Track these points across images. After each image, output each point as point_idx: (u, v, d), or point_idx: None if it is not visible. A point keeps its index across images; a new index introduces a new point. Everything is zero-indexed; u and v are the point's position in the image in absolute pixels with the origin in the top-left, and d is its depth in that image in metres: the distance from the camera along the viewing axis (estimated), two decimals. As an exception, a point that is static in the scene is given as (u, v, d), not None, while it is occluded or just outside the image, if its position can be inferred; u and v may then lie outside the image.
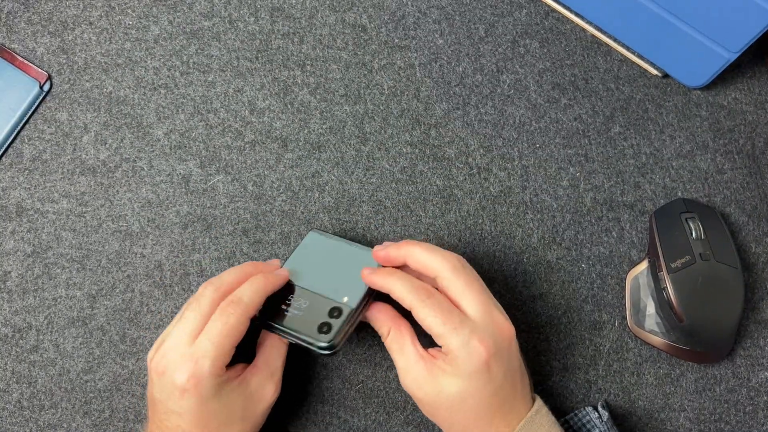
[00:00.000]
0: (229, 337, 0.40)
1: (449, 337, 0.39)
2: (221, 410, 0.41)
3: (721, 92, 0.54)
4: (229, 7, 0.54)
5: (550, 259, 0.51)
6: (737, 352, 0.50)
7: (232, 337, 0.40)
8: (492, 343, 0.39)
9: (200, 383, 0.39)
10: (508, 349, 0.41)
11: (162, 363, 0.40)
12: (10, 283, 0.50)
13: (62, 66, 0.53)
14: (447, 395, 0.40)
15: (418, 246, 0.42)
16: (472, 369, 0.39)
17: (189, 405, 0.40)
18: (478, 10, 0.55)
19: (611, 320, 0.51)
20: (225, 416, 0.41)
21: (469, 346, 0.39)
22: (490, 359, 0.39)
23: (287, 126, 0.53)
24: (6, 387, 0.49)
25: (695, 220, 0.49)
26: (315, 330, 0.42)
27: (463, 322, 0.39)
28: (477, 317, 0.40)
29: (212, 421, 0.41)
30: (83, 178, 0.51)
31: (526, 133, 0.53)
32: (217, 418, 0.41)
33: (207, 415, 0.40)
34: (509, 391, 0.41)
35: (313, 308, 0.43)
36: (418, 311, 0.40)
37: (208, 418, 0.40)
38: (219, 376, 0.40)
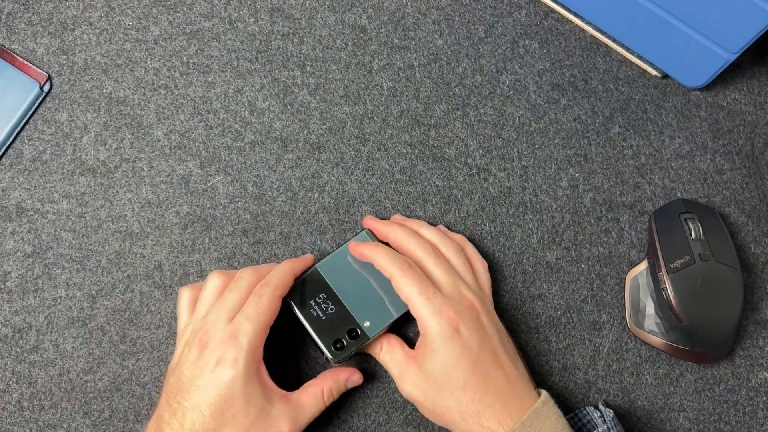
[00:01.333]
0: (263, 314, 0.43)
1: (422, 306, 0.43)
2: (241, 403, 0.41)
3: (720, 93, 0.54)
4: (229, 7, 0.54)
5: (549, 259, 0.51)
6: (736, 353, 0.50)
7: (266, 315, 0.43)
8: (460, 309, 0.43)
9: (237, 358, 0.41)
10: (478, 320, 0.44)
11: (205, 338, 0.42)
12: (10, 283, 0.50)
13: (62, 66, 0.53)
14: (434, 379, 0.42)
15: (401, 228, 0.47)
16: (444, 335, 0.42)
17: (218, 380, 0.41)
18: (477, 10, 0.55)
19: (611, 320, 0.51)
20: (241, 412, 0.41)
21: (440, 312, 0.42)
22: (459, 324, 0.43)
23: (287, 126, 0.53)
24: (6, 387, 0.49)
25: (694, 220, 0.49)
26: (329, 341, 0.46)
27: (435, 293, 0.43)
28: (446, 290, 0.44)
29: (229, 409, 0.41)
30: (83, 179, 0.51)
31: (526, 134, 0.53)
32: (233, 408, 0.41)
33: (227, 401, 0.41)
34: (495, 371, 0.43)
35: (335, 318, 0.47)
36: (398, 280, 0.44)
37: (227, 405, 0.41)
38: (254, 355, 0.42)
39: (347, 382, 0.46)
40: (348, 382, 0.46)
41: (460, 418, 0.42)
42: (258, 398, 0.42)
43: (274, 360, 0.47)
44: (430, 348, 0.43)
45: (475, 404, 0.42)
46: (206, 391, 0.41)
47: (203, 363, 0.42)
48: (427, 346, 0.43)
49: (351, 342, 0.46)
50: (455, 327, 0.42)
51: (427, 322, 0.43)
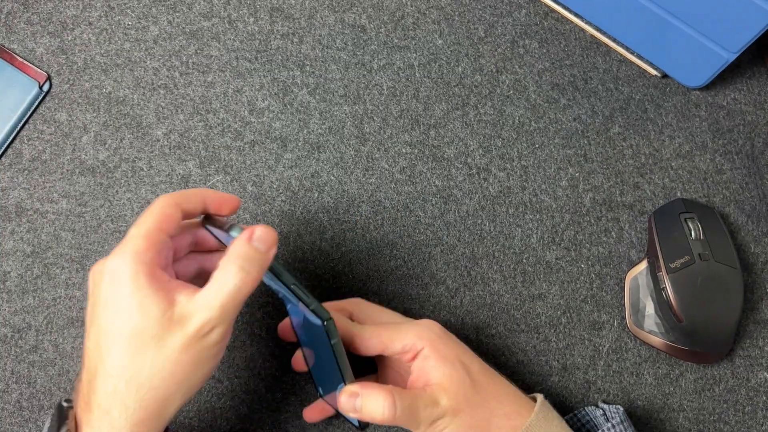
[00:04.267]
0: (152, 215, 0.36)
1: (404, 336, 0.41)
2: (143, 319, 0.33)
3: (720, 92, 0.54)
4: (229, 7, 0.54)
5: (549, 259, 0.51)
6: (736, 352, 0.50)
7: (155, 216, 0.36)
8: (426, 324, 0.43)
9: (123, 265, 0.34)
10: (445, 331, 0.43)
11: (94, 267, 0.36)
12: (9, 283, 0.50)
13: (62, 66, 0.53)
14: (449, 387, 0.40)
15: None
16: (433, 336, 0.41)
17: (113, 293, 0.34)
18: (477, 10, 0.55)
19: (610, 320, 0.51)
20: (146, 331, 0.33)
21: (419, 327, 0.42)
22: (439, 330, 0.43)
23: (286, 126, 0.53)
24: (5, 387, 0.49)
25: (694, 220, 0.49)
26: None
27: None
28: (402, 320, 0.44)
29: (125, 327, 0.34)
30: (83, 179, 0.51)
31: (526, 134, 0.53)
32: (133, 324, 0.33)
33: (123, 316, 0.34)
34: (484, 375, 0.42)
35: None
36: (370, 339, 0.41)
37: (124, 322, 0.34)
38: (141, 257, 0.34)
39: (254, 243, 0.36)
40: (255, 243, 0.36)
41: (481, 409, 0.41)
42: (157, 306, 0.34)
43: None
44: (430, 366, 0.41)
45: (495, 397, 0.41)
46: (103, 316, 0.34)
47: (96, 286, 0.35)
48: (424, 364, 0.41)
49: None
50: (438, 331, 0.42)
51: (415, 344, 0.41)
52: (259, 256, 0.36)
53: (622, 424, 0.45)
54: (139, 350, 0.34)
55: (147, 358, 0.33)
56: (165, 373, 0.34)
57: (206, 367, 0.35)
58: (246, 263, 0.35)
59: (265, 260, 0.36)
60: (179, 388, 0.34)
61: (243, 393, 0.49)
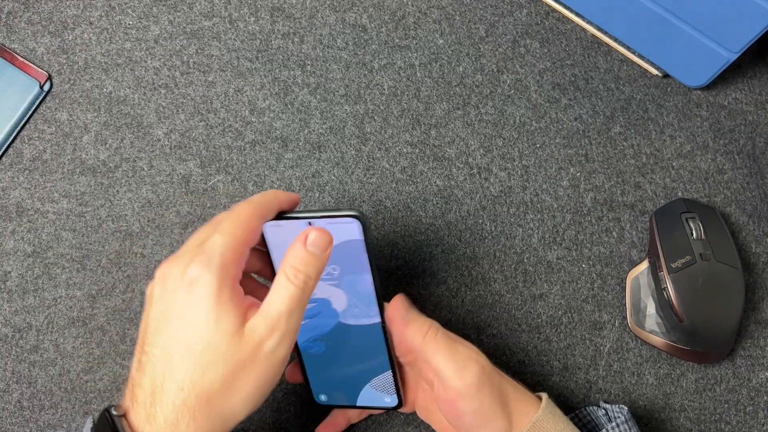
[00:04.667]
0: (240, 228, 0.35)
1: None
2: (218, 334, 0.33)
3: (721, 92, 0.54)
4: (229, 6, 0.54)
5: (550, 259, 0.51)
6: (738, 352, 0.50)
7: (242, 229, 0.35)
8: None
9: (208, 274, 0.33)
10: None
11: (166, 268, 0.35)
12: (10, 283, 0.50)
13: (62, 66, 0.53)
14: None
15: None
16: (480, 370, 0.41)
17: (191, 303, 0.33)
18: (478, 10, 0.55)
19: (611, 320, 0.51)
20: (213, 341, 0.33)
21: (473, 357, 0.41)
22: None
23: (287, 126, 0.53)
24: (6, 387, 0.49)
25: (695, 220, 0.49)
26: None
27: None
28: None
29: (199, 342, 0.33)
30: (83, 178, 0.51)
31: (527, 133, 0.53)
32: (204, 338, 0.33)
33: (197, 329, 0.33)
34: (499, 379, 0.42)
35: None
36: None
37: (198, 337, 0.33)
38: (228, 271, 0.34)
39: (308, 247, 0.36)
40: (310, 247, 0.36)
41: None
42: (233, 322, 0.34)
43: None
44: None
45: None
46: (175, 324, 0.34)
47: (171, 290, 0.34)
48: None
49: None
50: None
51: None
52: (317, 261, 0.36)
53: (627, 423, 0.44)
54: (212, 365, 0.33)
55: (218, 373, 0.33)
56: (235, 390, 0.34)
57: (270, 386, 0.35)
58: (304, 266, 0.35)
59: (322, 266, 0.36)
60: (246, 404, 0.34)
61: (244, 393, 0.49)
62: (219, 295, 0.34)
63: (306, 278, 0.35)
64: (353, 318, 0.42)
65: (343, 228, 0.39)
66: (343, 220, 0.38)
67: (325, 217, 0.39)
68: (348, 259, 0.40)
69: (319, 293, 0.42)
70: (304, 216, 0.39)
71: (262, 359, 0.34)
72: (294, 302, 0.35)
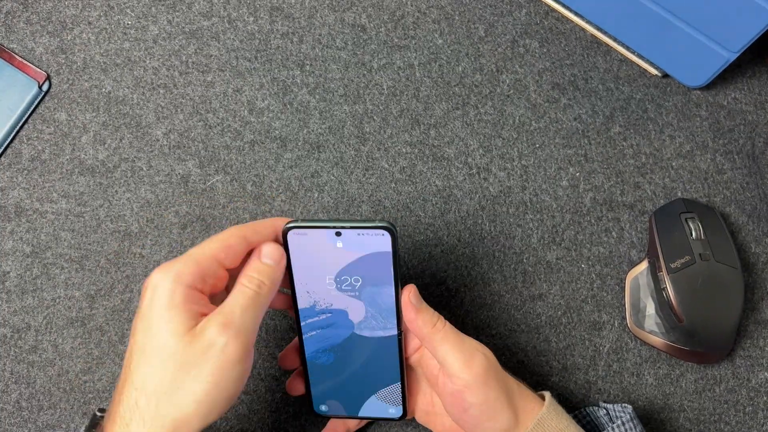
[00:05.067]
0: (214, 242, 0.37)
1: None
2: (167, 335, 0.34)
3: (720, 92, 0.54)
4: (228, 6, 0.54)
5: (549, 259, 0.51)
6: (737, 353, 0.50)
7: (217, 244, 0.37)
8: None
9: (165, 281, 0.35)
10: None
11: (146, 281, 0.36)
12: (8, 283, 0.50)
13: (61, 66, 0.53)
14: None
15: None
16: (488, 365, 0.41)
17: (150, 307, 0.35)
18: (477, 9, 0.55)
19: (611, 320, 0.51)
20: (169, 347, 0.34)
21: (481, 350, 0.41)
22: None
23: (286, 126, 0.52)
24: (5, 387, 0.49)
25: (695, 220, 0.49)
26: None
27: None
28: None
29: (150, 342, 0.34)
30: (82, 178, 0.51)
31: (526, 133, 0.53)
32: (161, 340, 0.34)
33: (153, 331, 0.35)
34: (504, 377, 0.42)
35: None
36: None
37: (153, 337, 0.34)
38: (183, 278, 0.35)
39: (262, 259, 0.38)
40: (263, 258, 0.38)
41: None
42: (181, 323, 0.35)
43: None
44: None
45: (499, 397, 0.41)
46: (138, 328, 0.35)
47: (143, 299, 0.36)
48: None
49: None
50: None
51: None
52: (271, 270, 0.38)
53: (631, 422, 0.44)
54: (163, 366, 0.34)
55: (167, 374, 0.34)
56: (184, 391, 0.34)
57: (227, 391, 0.35)
58: (258, 275, 0.37)
59: (277, 273, 0.38)
60: (198, 408, 0.34)
61: (243, 393, 0.49)
62: (171, 299, 0.35)
63: (260, 283, 0.37)
64: (369, 330, 0.42)
65: (373, 239, 0.39)
66: (375, 232, 0.39)
67: (355, 227, 0.39)
68: (373, 270, 0.40)
69: (336, 304, 0.41)
70: (332, 225, 0.39)
71: (213, 357, 0.34)
72: (248, 302, 0.36)
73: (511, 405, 0.40)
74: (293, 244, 0.40)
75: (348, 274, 0.40)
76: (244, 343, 0.35)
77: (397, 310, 0.41)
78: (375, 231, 0.39)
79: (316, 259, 0.40)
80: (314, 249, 0.39)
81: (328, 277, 0.40)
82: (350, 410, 0.45)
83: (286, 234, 0.39)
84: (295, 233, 0.39)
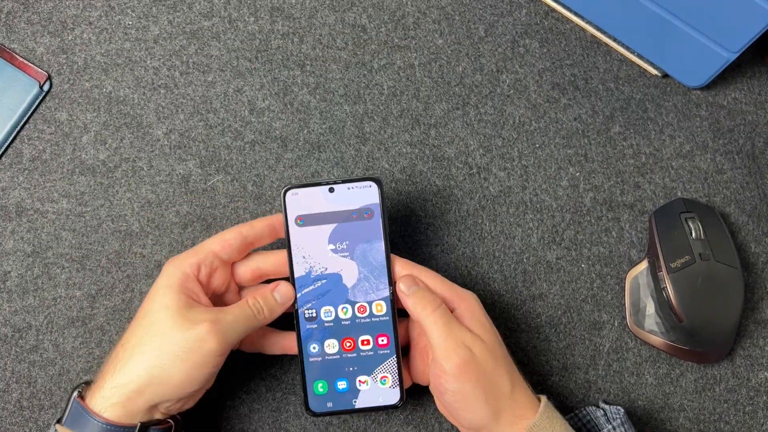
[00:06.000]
0: (214, 237, 0.43)
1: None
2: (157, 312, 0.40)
3: (720, 92, 0.54)
4: (229, 7, 0.54)
5: (549, 259, 0.51)
6: (737, 352, 0.50)
7: (215, 238, 0.43)
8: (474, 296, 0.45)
9: (168, 267, 0.42)
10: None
11: None
12: (9, 283, 0.50)
13: (62, 66, 0.53)
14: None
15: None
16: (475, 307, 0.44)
17: (153, 286, 0.42)
18: (477, 9, 0.55)
19: (611, 320, 0.51)
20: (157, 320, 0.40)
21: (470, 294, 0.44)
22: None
23: (287, 126, 0.53)
24: (6, 387, 0.49)
25: (695, 220, 0.49)
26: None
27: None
28: None
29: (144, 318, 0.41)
30: (83, 178, 0.51)
31: (526, 133, 0.53)
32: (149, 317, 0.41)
33: (148, 302, 0.41)
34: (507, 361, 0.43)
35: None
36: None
37: (147, 306, 0.41)
38: (178, 269, 0.42)
39: (274, 293, 0.43)
40: (275, 293, 0.43)
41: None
42: (173, 300, 0.40)
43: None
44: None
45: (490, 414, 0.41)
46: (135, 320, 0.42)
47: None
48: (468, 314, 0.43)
49: None
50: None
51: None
52: (275, 305, 0.43)
53: (623, 426, 0.45)
54: (146, 327, 0.40)
55: (148, 334, 0.40)
56: (155, 353, 0.39)
57: (194, 371, 0.40)
58: (263, 304, 0.43)
59: (278, 310, 0.43)
60: (162, 372, 0.39)
61: (243, 393, 0.49)
62: (168, 279, 0.41)
63: (260, 310, 0.43)
64: (362, 294, 0.44)
65: (361, 192, 0.44)
66: (363, 184, 0.44)
67: (346, 181, 0.44)
68: (363, 227, 0.44)
69: (330, 268, 0.44)
70: (324, 182, 0.44)
71: (192, 343, 0.39)
72: (242, 318, 0.42)
73: (489, 403, 0.41)
74: (291, 205, 0.44)
75: (341, 232, 0.44)
76: (221, 344, 0.40)
77: (387, 265, 0.44)
78: (363, 183, 0.44)
79: (312, 218, 0.44)
80: (310, 207, 0.44)
81: (322, 238, 0.44)
82: (346, 401, 0.45)
83: (285, 195, 0.44)
84: (292, 194, 0.44)
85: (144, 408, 0.39)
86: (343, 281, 0.44)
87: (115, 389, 0.39)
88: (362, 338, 0.44)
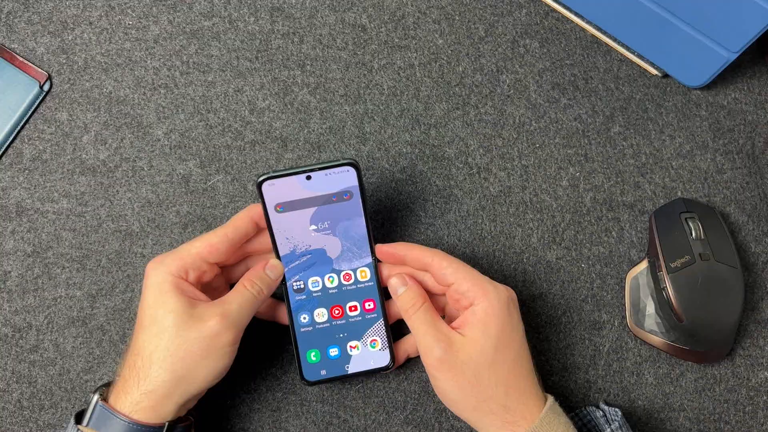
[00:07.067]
0: (199, 241, 0.44)
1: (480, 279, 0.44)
2: (158, 309, 0.41)
3: (720, 92, 0.54)
4: (229, 6, 0.54)
5: (549, 258, 0.51)
6: (737, 352, 0.50)
7: (201, 243, 0.43)
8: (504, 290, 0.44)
9: (154, 272, 0.42)
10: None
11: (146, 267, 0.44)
12: (10, 282, 0.50)
13: (62, 66, 0.53)
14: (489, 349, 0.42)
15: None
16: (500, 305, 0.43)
17: (145, 291, 0.42)
18: (477, 9, 0.55)
19: (611, 320, 0.51)
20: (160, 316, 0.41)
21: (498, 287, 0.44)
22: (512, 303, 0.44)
23: (287, 126, 0.53)
24: (6, 387, 0.49)
25: (695, 219, 0.49)
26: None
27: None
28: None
29: (146, 317, 0.42)
30: (83, 178, 0.51)
31: (526, 133, 0.53)
32: (151, 314, 0.41)
33: (147, 311, 0.42)
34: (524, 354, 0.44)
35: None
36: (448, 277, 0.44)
37: (150, 311, 0.42)
38: (171, 267, 0.42)
39: (266, 271, 0.45)
40: (268, 271, 0.45)
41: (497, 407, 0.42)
42: (176, 303, 0.41)
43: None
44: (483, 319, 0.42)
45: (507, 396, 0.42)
46: (139, 308, 0.43)
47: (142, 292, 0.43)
48: (478, 316, 0.42)
49: None
50: (513, 301, 0.44)
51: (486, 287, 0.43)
52: (270, 281, 0.45)
53: (621, 428, 0.45)
54: (158, 334, 0.41)
55: (163, 341, 0.41)
56: (177, 357, 0.41)
57: (215, 364, 0.42)
58: (260, 283, 0.44)
59: (274, 285, 0.45)
60: (188, 373, 0.41)
61: (243, 393, 0.49)
62: (162, 285, 0.42)
63: (260, 290, 0.44)
64: (347, 263, 0.46)
65: (340, 176, 0.43)
66: (341, 169, 0.43)
67: (323, 167, 0.43)
68: (344, 206, 0.44)
69: (314, 244, 0.45)
70: (302, 170, 0.43)
71: (207, 339, 0.41)
72: (246, 302, 0.43)
73: (469, 402, 0.42)
74: (268, 195, 0.43)
75: (322, 214, 0.44)
76: (235, 334, 0.42)
77: (368, 238, 0.45)
78: (341, 168, 0.43)
79: (291, 204, 0.44)
80: (289, 194, 0.43)
81: (304, 221, 0.44)
82: (339, 367, 0.46)
83: (260, 186, 0.43)
84: (269, 184, 0.43)
85: (174, 409, 0.41)
86: (327, 254, 0.45)
87: (145, 395, 0.40)
88: (350, 305, 0.46)
